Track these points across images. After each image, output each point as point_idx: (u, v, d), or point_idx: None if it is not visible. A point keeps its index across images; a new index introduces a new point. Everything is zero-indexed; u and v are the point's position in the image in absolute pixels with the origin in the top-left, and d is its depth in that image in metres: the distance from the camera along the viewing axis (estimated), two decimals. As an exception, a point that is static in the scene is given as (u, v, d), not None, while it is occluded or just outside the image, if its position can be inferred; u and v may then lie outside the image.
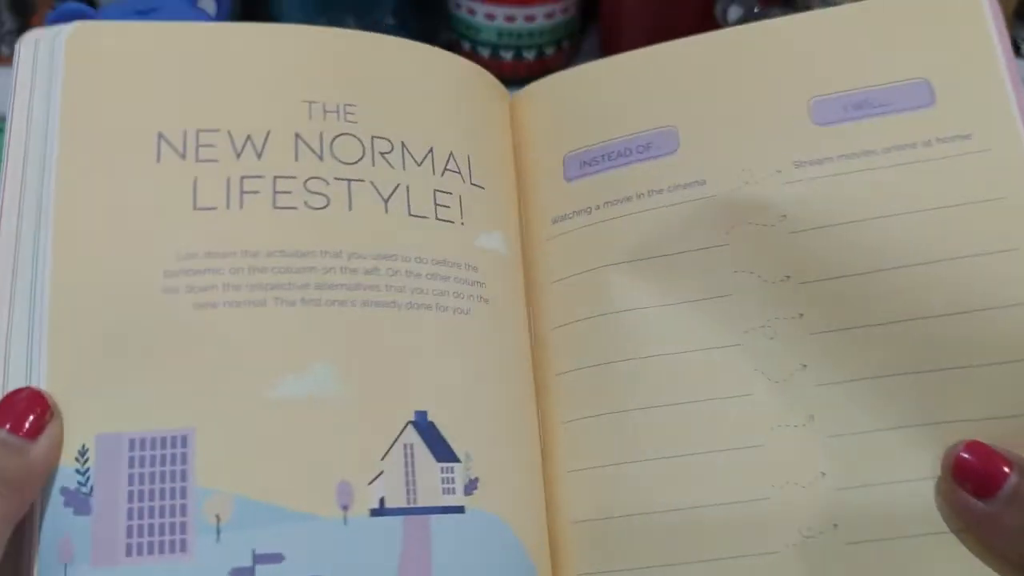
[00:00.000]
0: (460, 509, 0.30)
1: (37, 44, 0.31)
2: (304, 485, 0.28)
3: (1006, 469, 0.28)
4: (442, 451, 0.30)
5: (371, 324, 0.30)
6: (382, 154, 0.33)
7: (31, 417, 0.27)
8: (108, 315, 0.29)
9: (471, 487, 0.30)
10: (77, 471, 0.27)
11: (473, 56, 0.58)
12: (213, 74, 0.32)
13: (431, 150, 0.34)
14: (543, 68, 0.56)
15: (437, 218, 0.33)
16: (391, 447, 0.29)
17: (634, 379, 0.33)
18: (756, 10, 0.54)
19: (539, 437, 0.34)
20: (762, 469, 0.31)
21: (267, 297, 0.30)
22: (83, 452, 0.28)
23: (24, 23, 0.60)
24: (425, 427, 0.30)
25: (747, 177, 0.33)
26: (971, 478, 0.28)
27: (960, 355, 0.30)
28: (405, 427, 0.30)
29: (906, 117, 0.32)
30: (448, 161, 0.34)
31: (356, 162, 0.32)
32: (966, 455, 0.28)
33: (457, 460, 0.30)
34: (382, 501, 0.29)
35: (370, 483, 0.29)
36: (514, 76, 0.56)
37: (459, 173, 0.34)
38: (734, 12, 0.54)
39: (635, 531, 0.31)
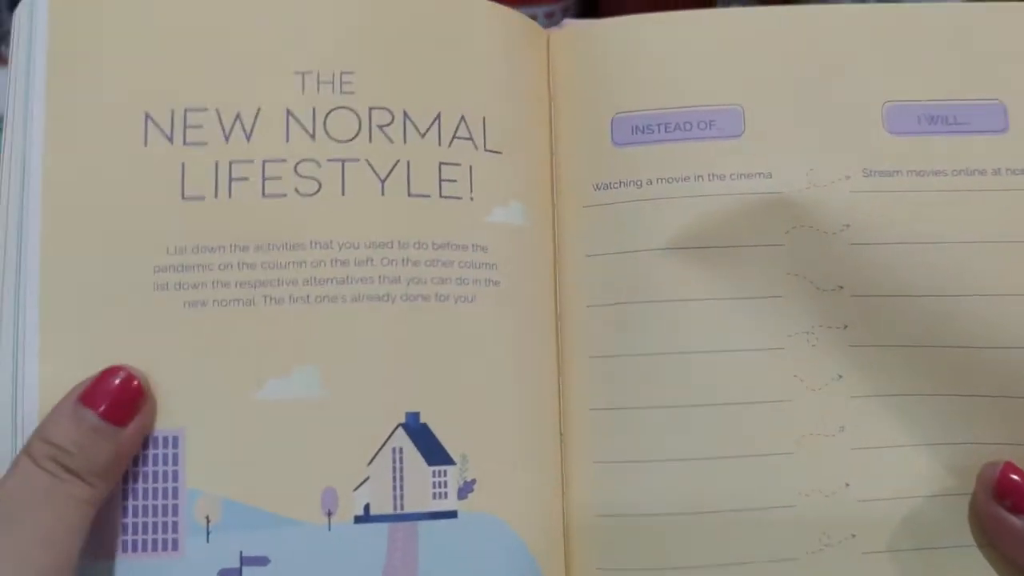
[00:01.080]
0: (452, 514, 0.29)
1: (20, 16, 0.30)
2: (289, 490, 0.29)
3: None
4: (435, 454, 0.29)
5: (361, 321, 0.29)
6: (380, 127, 0.31)
7: (125, 403, 0.27)
8: (100, 313, 0.29)
9: (466, 490, 0.30)
10: (78, 466, 0.29)
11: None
12: (200, 43, 0.30)
13: (438, 116, 0.31)
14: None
15: (441, 196, 0.31)
16: (378, 451, 0.29)
17: (673, 373, 0.32)
18: (756, 10, 0.51)
19: (559, 422, 0.32)
20: (790, 476, 0.31)
21: (255, 295, 0.29)
22: (82, 448, 0.29)
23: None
24: (417, 429, 0.29)
25: (814, 178, 0.32)
26: (1011, 495, 0.30)
27: (995, 385, 0.31)
28: (395, 430, 0.29)
29: (978, 140, 0.32)
30: (458, 127, 0.32)
31: (351, 140, 0.30)
32: (1007, 475, 0.30)
33: (451, 463, 0.30)
34: (367, 508, 0.29)
35: (355, 489, 0.29)
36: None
37: (470, 140, 0.32)
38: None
39: (657, 529, 0.31)
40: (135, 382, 0.28)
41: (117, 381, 0.27)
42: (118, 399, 0.27)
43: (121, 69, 0.30)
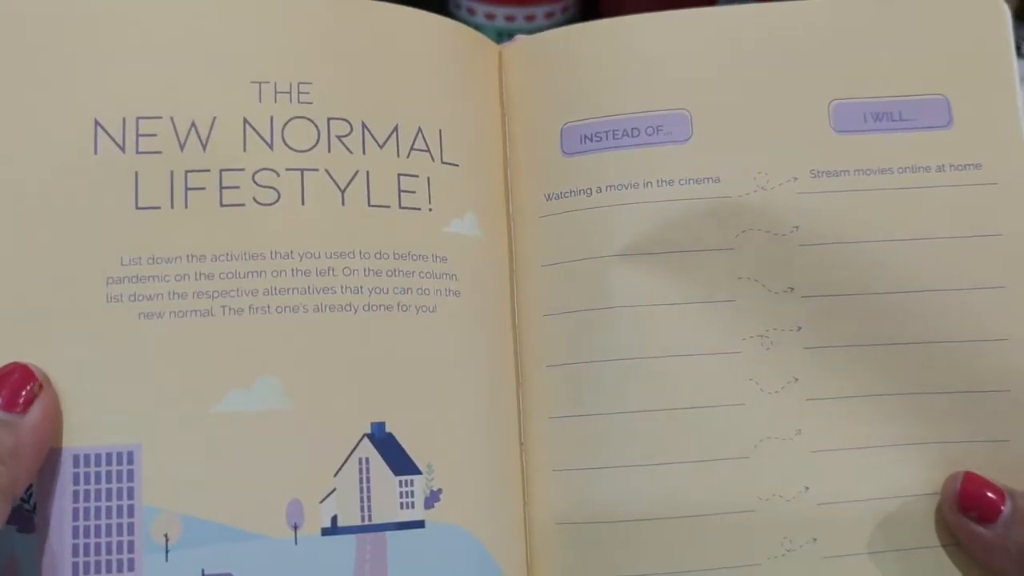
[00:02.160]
0: (420, 524, 0.29)
1: None
2: (253, 504, 0.28)
3: (993, 496, 0.30)
4: (401, 463, 0.30)
5: (324, 332, 0.29)
6: (339, 138, 0.31)
7: (18, 391, 0.27)
8: (48, 324, 0.28)
9: (433, 499, 0.30)
10: (20, 487, 0.27)
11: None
12: (154, 51, 0.30)
13: (395, 128, 0.32)
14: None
15: (401, 207, 0.31)
16: (344, 462, 0.29)
17: (630, 380, 0.32)
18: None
19: (519, 431, 0.33)
20: (749, 481, 0.32)
21: (213, 306, 0.29)
22: (27, 468, 0.28)
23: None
24: (382, 439, 0.29)
25: (762, 181, 0.33)
26: (975, 508, 0.30)
27: (951, 381, 0.32)
28: (360, 440, 0.29)
29: (923, 136, 0.33)
30: (415, 139, 0.32)
31: (310, 149, 0.31)
32: (968, 487, 0.31)
33: (418, 472, 0.30)
34: (334, 520, 0.29)
35: (322, 501, 0.29)
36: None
37: (427, 152, 0.32)
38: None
39: (619, 537, 0.32)
40: (31, 373, 0.27)
41: (10, 375, 0.27)
42: (13, 389, 0.27)
43: (70, 75, 0.30)
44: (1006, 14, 0.34)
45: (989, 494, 0.30)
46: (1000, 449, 0.32)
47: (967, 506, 0.30)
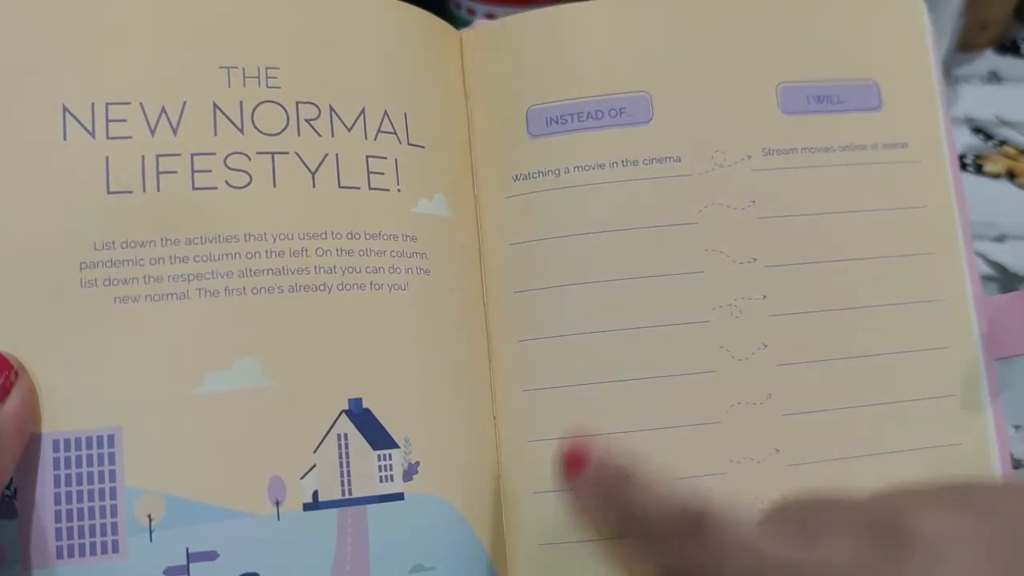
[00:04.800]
0: (399, 496, 0.30)
1: None
2: (235, 482, 0.29)
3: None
4: (379, 438, 0.31)
5: (300, 311, 0.30)
6: (308, 121, 0.32)
7: None
8: (22, 312, 0.29)
9: (411, 472, 0.31)
10: None
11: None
12: (122, 37, 0.31)
13: (362, 111, 0.33)
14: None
15: (370, 188, 0.32)
16: (324, 438, 0.30)
17: (603, 353, 0.34)
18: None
19: (491, 405, 0.34)
20: (720, 445, 0.34)
21: (189, 289, 0.30)
22: (6, 454, 0.28)
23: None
24: (360, 414, 0.30)
25: (720, 160, 0.35)
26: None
27: (886, 344, 0.35)
28: (338, 416, 0.30)
29: (858, 118, 0.36)
30: (382, 122, 0.33)
31: (279, 133, 0.31)
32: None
33: (395, 446, 0.31)
34: (315, 495, 0.30)
35: (302, 477, 0.29)
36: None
37: (394, 134, 0.33)
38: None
39: None
40: (6, 362, 0.28)
41: None
42: None
43: (36, 61, 0.30)
44: (923, 8, 0.37)
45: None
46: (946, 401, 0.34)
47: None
